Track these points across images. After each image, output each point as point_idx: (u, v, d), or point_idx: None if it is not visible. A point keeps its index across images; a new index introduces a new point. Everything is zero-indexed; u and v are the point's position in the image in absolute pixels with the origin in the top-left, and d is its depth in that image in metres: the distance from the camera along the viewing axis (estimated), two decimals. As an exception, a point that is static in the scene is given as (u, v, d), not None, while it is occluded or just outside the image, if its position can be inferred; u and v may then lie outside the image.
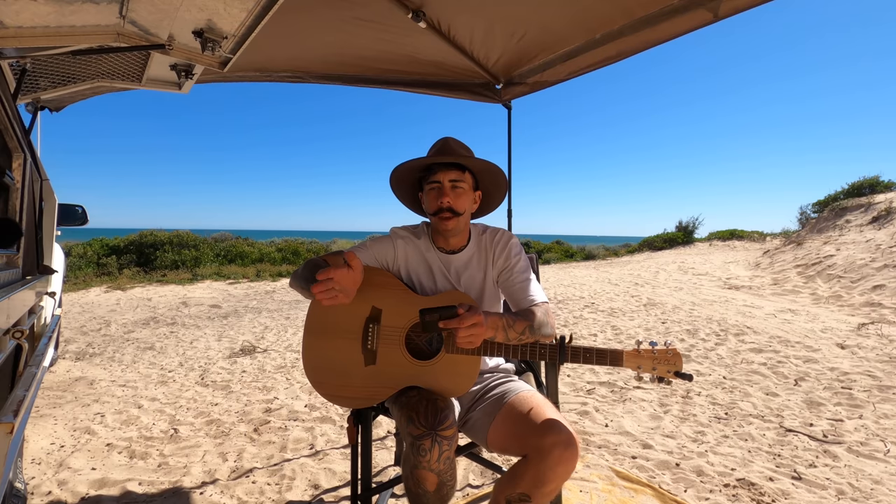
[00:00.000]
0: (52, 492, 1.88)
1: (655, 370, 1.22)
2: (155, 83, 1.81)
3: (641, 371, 1.23)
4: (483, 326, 1.19)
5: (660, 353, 1.23)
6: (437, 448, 1.13)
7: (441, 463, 1.14)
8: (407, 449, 1.18)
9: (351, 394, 1.33)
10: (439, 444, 1.13)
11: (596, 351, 1.24)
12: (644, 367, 1.23)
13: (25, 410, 0.83)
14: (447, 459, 1.15)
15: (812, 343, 4.18)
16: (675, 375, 1.21)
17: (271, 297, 7.61)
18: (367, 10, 1.93)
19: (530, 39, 2.27)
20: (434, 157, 1.40)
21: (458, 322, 1.18)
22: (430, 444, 1.13)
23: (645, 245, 16.43)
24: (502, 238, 1.49)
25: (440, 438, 1.13)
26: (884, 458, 2.17)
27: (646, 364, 1.23)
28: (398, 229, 1.52)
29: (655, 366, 1.22)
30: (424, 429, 1.14)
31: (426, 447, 1.12)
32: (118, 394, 3.07)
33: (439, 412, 1.17)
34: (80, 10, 1.02)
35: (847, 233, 9.08)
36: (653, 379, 1.23)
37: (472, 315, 1.19)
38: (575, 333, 4.79)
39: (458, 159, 1.38)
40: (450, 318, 1.19)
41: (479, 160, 1.41)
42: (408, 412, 1.19)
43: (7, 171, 1.32)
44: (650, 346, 1.24)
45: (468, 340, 1.20)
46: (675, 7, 1.81)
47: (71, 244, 11.83)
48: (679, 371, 1.21)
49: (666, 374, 1.21)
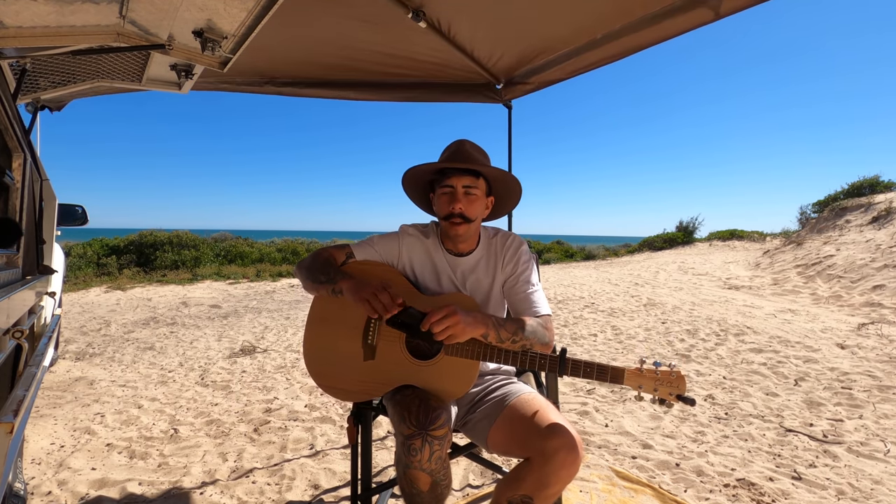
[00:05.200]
0: (52, 492, 1.88)
1: (657, 391, 1.19)
2: (155, 83, 1.81)
3: (642, 391, 1.21)
4: (458, 316, 1.18)
5: (662, 375, 1.20)
6: (428, 448, 1.12)
7: (433, 463, 1.13)
8: (399, 449, 1.18)
9: (347, 386, 1.34)
10: (430, 443, 1.13)
11: (597, 366, 1.21)
12: (645, 388, 1.20)
13: (25, 410, 0.83)
14: (439, 459, 1.14)
15: (812, 343, 4.18)
16: (676, 399, 1.18)
17: (271, 298, 7.61)
18: (366, 11, 1.93)
19: (531, 41, 2.28)
20: (450, 163, 1.37)
21: (427, 318, 1.18)
22: (420, 443, 1.12)
23: (645, 245, 16.43)
24: (513, 244, 1.47)
25: (431, 438, 1.13)
26: (884, 458, 2.17)
27: (647, 384, 1.20)
28: (407, 227, 1.51)
29: (657, 387, 1.19)
30: (415, 428, 1.14)
31: (416, 447, 1.12)
32: (118, 394, 3.07)
33: (431, 412, 1.17)
34: (80, 10, 1.02)
35: (847, 233, 9.08)
36: (654, 400, 1.20)
37: (441, 309, 1.19)
38: (575, 333, 4.79)
39: (474, 166, 1.36)
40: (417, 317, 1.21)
41: (495, 169, 1.39)
42: (400, 411, 1.19)
43: (7, 171, 1.32)
44: (653, 367, 1.21)
45: (447, 333, 1.18)
46: (675, 6, 1.81)
47: (71, 244, 11.82)
48: (682, 395, 1.18)
49: (668, 397, 1.19)
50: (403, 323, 1.24)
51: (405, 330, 1.25)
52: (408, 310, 1.24)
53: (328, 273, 1.36)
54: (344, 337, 1.36)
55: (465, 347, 1.27)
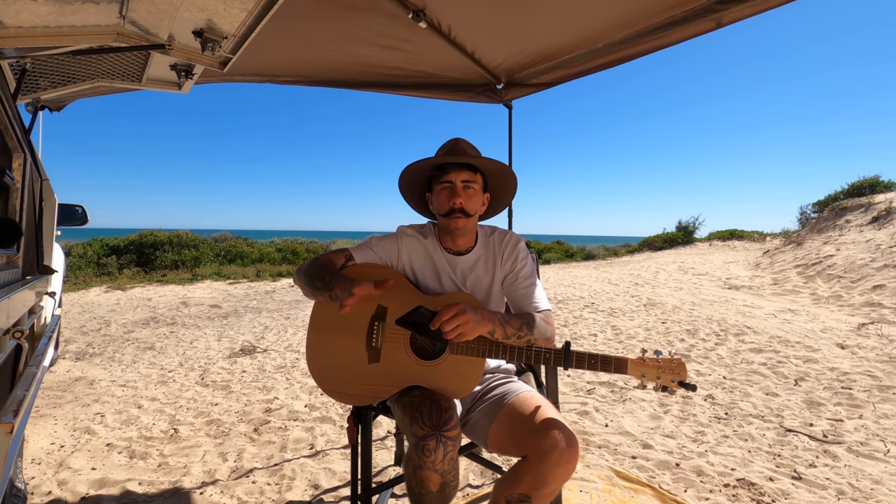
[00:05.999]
0: (52, 492, 1.88)
1: (660, 379, 1.22)
2: (155, 83, 1.80)
3: (646, 380, 1.23)
4: (467, 315, 1.18)
5: (664, 363, 1.23)
6: (442, 448, 1.12)
7: (445, 463, 1.14)
8: (410, 449, 1.18)
9: (353, 391, 1.34)
10: (444, 444, 1.13)
11: (601, 357, 1.23)
12: (648, 376, 1.23)
13: (25, 410, 0.83)
14: (451, 460, 1.15)
15: (812, 343, 4.18)
16: (679, 385, 1.21)
17: (271, 297, 7.61)
18: (366, 11, 1.93)
19: (532, 51, 2.30)
20: (448, 157, 1.38)
21: (438, 317, 1.18)
22: (434, 444, 1.12)
23: (645, 245, 16.43)
24: (510, 241, 1.48)
25: (445, 439, 1.13)
26: (884, 458, 2.17)
27: (650, 373, 1.23)
28: (405, 228, 1.52)
29: (660, 374, 1.22)
30: (429, 429, 1.14)
31: (431, 447, 1.12)
32: (118, 394, 3.07)
33: (443, 412, 1.17)
34: (80, 10, 1.02)
35: (847, 233, 9.08)
36: (657, 388, 1.23)
37: (450, 307, 1.19)
38: (575, 333, 4.79)
39: (472, 160, 1.37)
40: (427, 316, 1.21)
41: (492, 161, 1.40)
42: (411, 412, 1.19)
43: (7, 171, 1.32)
44: (655, 356, 1.24)
45: (457, 332, 1.19)
46: (677, 19, 1.83)
47: (71, 244, 11.82)
48: (683, 381, 1.21)
49: (670, 384, 1.22)
50: (413, 322, 1.23)
51: (415, 329, 1.24)
52: (418, 309, 1.24)
53: (325, 279, 1.35)
54: (347, 341, 1.35)
55: (471, 345, 1.27)
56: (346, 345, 1.35)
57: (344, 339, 1.36)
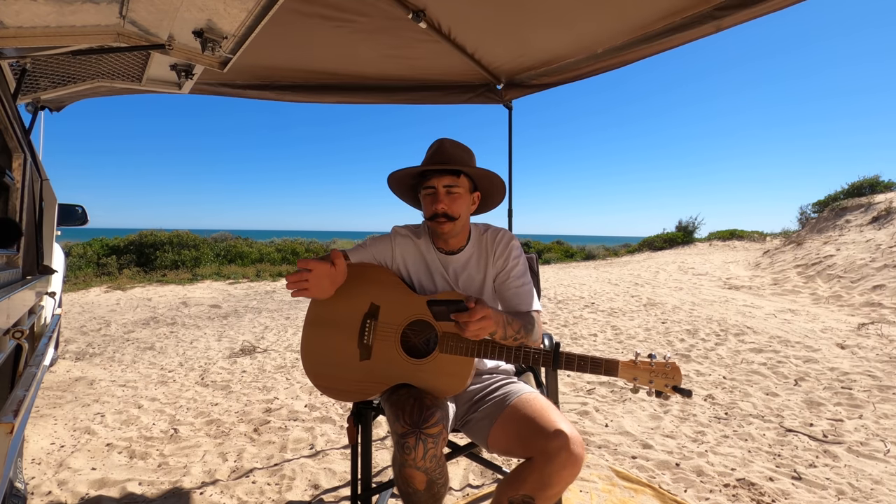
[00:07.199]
0: (52, 492, 1.88)
1: (652, 383, 1.18)
2: (155, 83, 1.81)
3: (638, 383, 1.20)
4: (491, 320, 1.19)
5: (657, 366, 1.19)
6: (422, 446, 1.13)
7: (427, 461, 1.14)
8: (394, 448, 1.19)
9: (344, 387, 1.35)
10: (423, 441, 1.13)
11: (591, 359, 1.22)
12: (640, 380, 1.19)
13: (25, 410, 0.83)
14: (433, 458, 1.15)
15: (812, 343, 4.18)
16: (672, 390, 1.17)
17: (271, 297, 7.61)
18: (367, 11, 1.93)
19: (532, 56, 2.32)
20: (426, 166, 1.40)
21: (468, 315, 1.17)
22: (414, 441, 1.13)
23: (645, 245, 16.43)
24: (503, 239, 1.49)
25: (424, 436, 1.13)
26: (884, 458, 2.17)
27: (642, 376, 1.19)
28: (399, 228, 1.54)
29: (653, 378, 1.19)
30: (409, 426, 1.14)
31: (410, 445, 1.13)
32: (118, 394, 3.07)
33: (425, 410, 1.17)
34: (80, 10, 1.02)
35: (847, 233, 9.08)
36: (650, 392, 1.20)
37: (481, 308, 1.19)
38: (575, 333, 4.79)
39: (451, 167, 1.38)
40: (458, 311, 1.19)
41: (473, 168, 1.40)
42: (395, 410, 1.20)
43: (7, 171, 1.32)
44: (648, 359, 1.20)
45: (476, 333, 1.20)
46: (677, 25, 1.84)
47: (71, 244, 11.83)
48: (677, 386, 1.17)
49: (664, 389, 1.18)
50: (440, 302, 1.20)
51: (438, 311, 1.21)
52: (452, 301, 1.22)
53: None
54: (340, 338, 1.37)
55: (461, 345, 1.28)
56: (338, 342, 1.37)
57: (337, 336, 1.38)
